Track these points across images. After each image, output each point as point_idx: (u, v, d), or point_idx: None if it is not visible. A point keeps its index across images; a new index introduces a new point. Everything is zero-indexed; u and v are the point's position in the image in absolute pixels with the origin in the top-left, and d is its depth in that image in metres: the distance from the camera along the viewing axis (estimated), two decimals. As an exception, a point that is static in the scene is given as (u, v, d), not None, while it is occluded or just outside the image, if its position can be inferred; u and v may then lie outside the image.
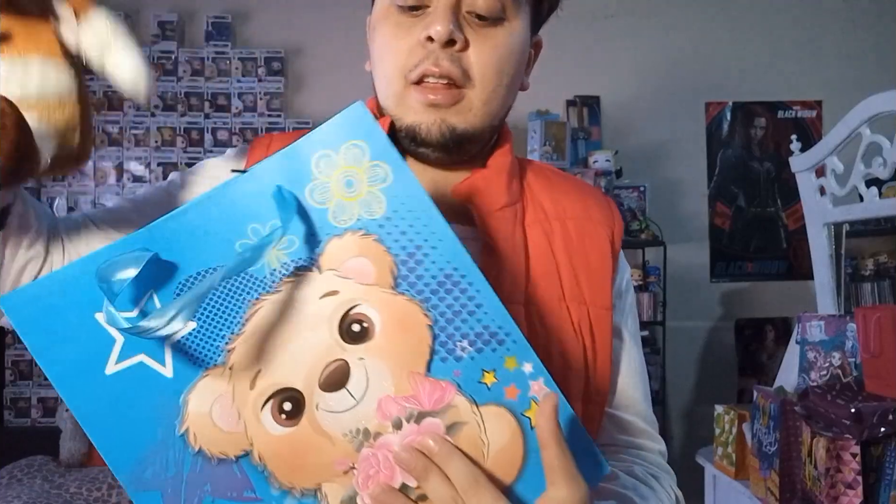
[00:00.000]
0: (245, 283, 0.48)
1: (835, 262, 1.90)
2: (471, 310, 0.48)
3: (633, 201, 3.10)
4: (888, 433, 1.28)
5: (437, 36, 0.62)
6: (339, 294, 0.48)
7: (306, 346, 0.48)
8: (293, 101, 3.26)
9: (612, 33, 3.35)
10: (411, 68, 0.64)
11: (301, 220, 0.48)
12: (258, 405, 0.48)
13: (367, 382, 0.48)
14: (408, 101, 0.66)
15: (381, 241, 0.48)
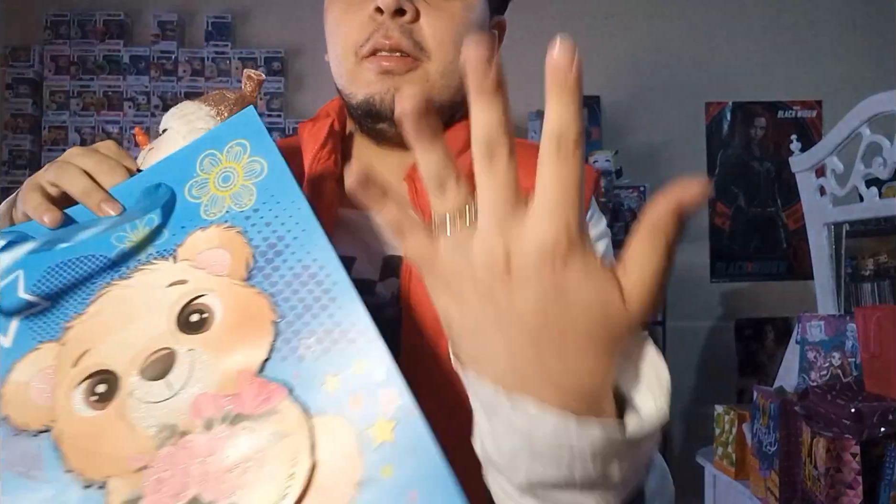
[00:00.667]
0: (104, 269, 0.49)
1: (835, 262, 1.90)
2: (323, 304, 0.44)
3: (633, 201, 3.10)
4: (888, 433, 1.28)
5: (385, 5, 0.60)
6: (186, 283, 0.47)
7: (140, 331, 0.46)
8: (293, 101, 3.26)
9: (612, 33, 3.35)
10: (362, 43, 0.63)
11: (162, 214, 0.49)
12: (73, 383, 0.46)
13: (191, 375, 0.44)
14: (361, 74, 0.64)
15: (245, 233, 0.47)
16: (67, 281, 0.49)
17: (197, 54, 3.18)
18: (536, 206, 0.31)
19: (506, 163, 0.32)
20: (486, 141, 0.32)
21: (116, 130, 3.14)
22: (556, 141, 0.31)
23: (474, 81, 0.31)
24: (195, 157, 0.50)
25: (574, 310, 0.31)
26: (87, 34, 3.15)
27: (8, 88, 3.10)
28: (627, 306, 0.32)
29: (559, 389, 0.31)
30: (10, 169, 3.07)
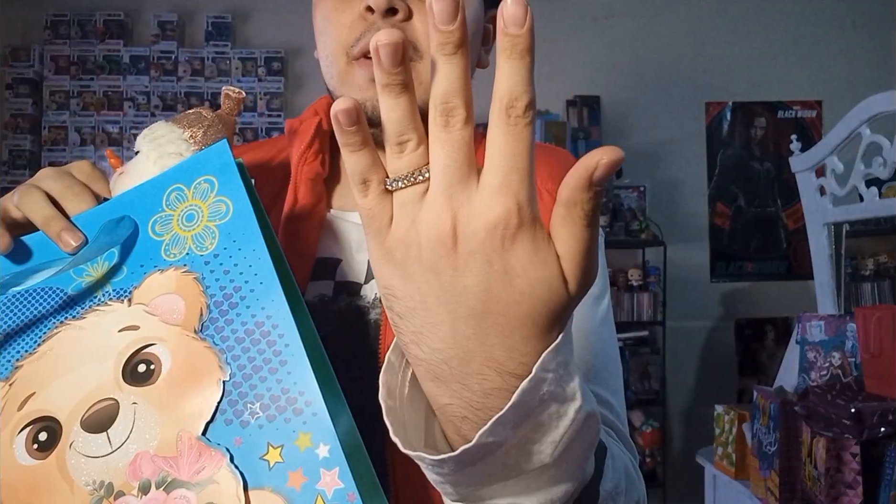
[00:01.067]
0: (58, 305, 0.47)
1: (835, 262, 1.90)
2: (273, 367, 0.42)
3: (633, 201, 3.10)
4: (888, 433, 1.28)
5: (376, 5, 0.58)
6: (138, 330, 0.45)
7: (86, 378, 0.45)
8: (293, 101, 3.26)
9: (612, 33, 3.35)
10: (353, 43, 0.61)
11: (121, 251, 0.47)
12: (17, 428, 0.45)
13: (132, 431, 0.43)
14: (352, 79, 0.62)
15: (202, 280, 0.45)
16: (21, 315, 0.48)
17: (197, 54, 3.18)
18: (485, 180, 0.30)
19: (461, 128, 0.31)
20: (442, 101, 0.31)
21: (116, 130, 3.14)
22: (506, 109, 0.30)
23: (435, 37, 0.30)
24: (162, 190, 0.48)
25: (519, 290, 0.30)
26: (87, 34, 3.15)
27: (8, 88, 3.10)
28: (568, 287, 0.31)
29: (501, 369, 0.31)
30: (10, 169, 3.07)
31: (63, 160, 3.11)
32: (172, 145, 0.54)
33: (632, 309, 3.02)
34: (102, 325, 0.46)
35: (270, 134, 3.16)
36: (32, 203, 0.50)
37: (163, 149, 0.54)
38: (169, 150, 0.54)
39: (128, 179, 0.53)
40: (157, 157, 0.54)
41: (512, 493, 0.35)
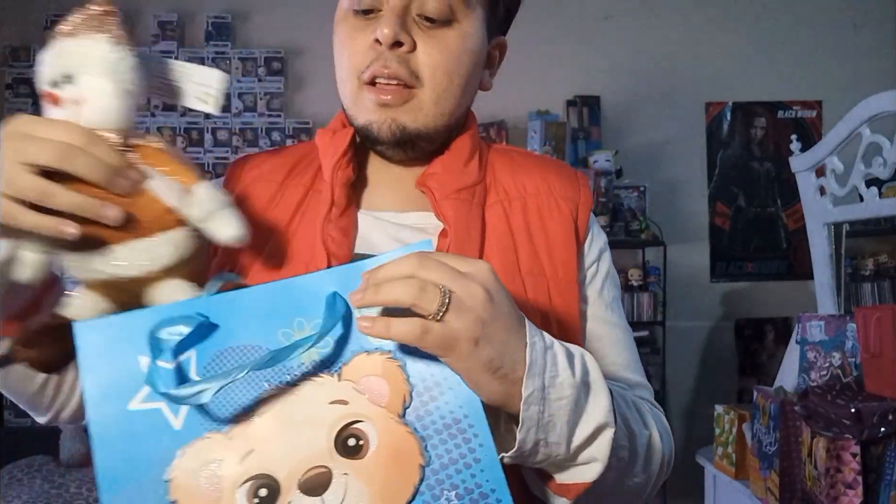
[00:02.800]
0: (268, 365, 0.50)
1: (835, 262, 1.90)
2: (468, 462, 0.49)
3: (633, 201, 3.10)
4: (888, 433, 1.28)
5: (383, 38, 0.65)
6: (347, 405, 0.50)
7: (301, 442, 0.49)
8: (293, 101, 3.26)
9: (612, 33, 3.35)
10: (363, 69, 0.67)
11: (342, 327, 0.51)
12: (238, 481, 0.49)
13: (343, 499, 0.48)
14: (362, 101, 0.69)
15: (404, 368, 0.51)
16: (225, 365, 0.51)
17: (197, 54, 3.18)
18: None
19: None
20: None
21: (116, 130, 3.14)
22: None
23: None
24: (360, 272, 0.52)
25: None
26: (87, 34, 3.15)
27: (8, 88, 3.10)
28: None
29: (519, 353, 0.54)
30: (10, 169, 3.07)
31: (63, 160, 3.11)
32: (110, 56, 0.51)
33: (632, 309, 3.02)
34: (315, 395, 0.50)
35: (270, 134, 3.16)
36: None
37: (120, 75, 0.52)
38: (116, 63, 0.51)
39: (90, 113, 0.51)
40: (111, 73, 0.51)
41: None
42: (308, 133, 3.15)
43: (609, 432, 0.57)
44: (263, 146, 3.14)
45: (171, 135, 3.15)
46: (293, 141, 3.15)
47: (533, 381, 0.52)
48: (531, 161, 0.79)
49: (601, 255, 0.78)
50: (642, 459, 0.65)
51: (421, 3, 0.66)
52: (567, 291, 0.71)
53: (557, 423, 0.54)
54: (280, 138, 3.16)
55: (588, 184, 0.78)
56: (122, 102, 0.52)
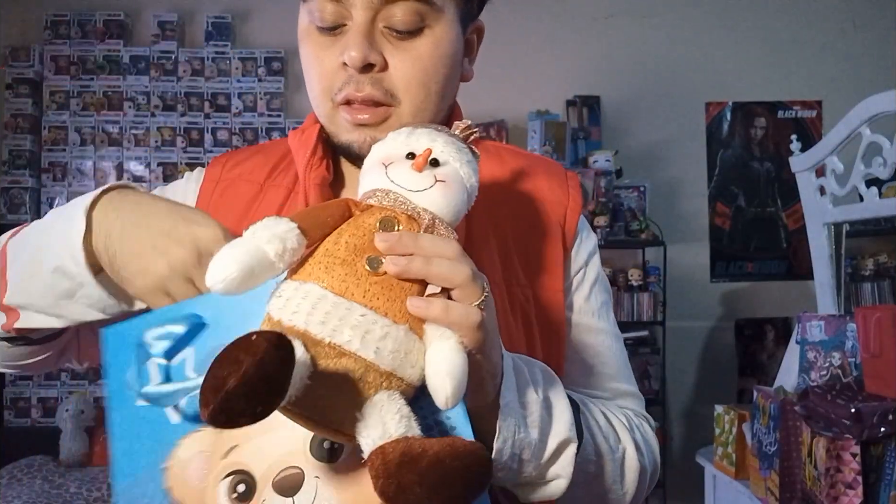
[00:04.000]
0: None
1: (835, 262, 1.90)
2: None
3: (633, 201, 3.10)
4: (888, 433, 1.28)
5: (352, 62, 0.61)
6: None
7: (279, 442, 0.50)
8: (293, 101, 3.26)
9: (612, 33, 3.35)
10: (336, 91, 0.64)
11: None
12: (221, 474, 0.50)
13: (313, 502, 0.49)
14: (338, 121, 0.66)
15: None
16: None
17: (197, 54, 3.18)
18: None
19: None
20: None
21: (116, 131, 3.14)
22: None
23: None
24: None
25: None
26: (87, 34, 3.15)
27: (8, 88, 3.10)
28: None
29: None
30: (10, 169, 3.07)
31: (63, 160, 3.11)
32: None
33: (632, 309, 3.02)
34: None
35: (270, 134, 3.16)
36: None
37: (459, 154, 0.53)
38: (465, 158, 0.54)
39: (451, 192, 0.51)
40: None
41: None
42: (308, 133, 3.14)
43: (572, 448, 0.57)
44: (263, 146, 3.14)
45: (172, 134, 3.15)
46: (293, 141, 3.14)
47: (507, 393, 0.52)
48: (520, 162, 0.75)
49: (589, 260, 0.75)
50: (614, 474, 0.64)
51: (387, 15, 0.62)
52: (552, 300, 0.69)
53: (531, 436, 0.54)
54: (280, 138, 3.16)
55: (578, 185, 0.76)
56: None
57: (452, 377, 0.44)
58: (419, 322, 0.46)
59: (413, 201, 0.49)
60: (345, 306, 0.44)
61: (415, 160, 0.50)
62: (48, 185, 3.10)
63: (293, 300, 0.44)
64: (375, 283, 0.45)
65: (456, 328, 0.46)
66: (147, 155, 3.13)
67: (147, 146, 3.14)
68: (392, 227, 0.48)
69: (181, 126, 3.15)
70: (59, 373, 3.02)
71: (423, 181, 0.50)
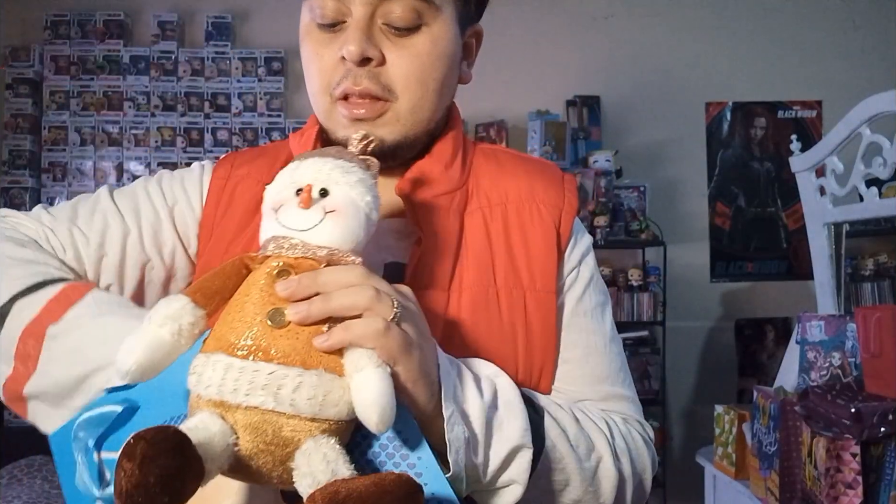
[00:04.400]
0: None
1: (835, 262, 1.90)
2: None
3: (633, 201, 3.10)
4: (888, 433, 1.28)
5: (350, 56, 0.63)
6: None
7: (256, 493, 0.53)
8: (293, 101, 3.26)
9: (612, 33, 3.35)
10: (334, 86, 0.65)
11: None
12: None
13: None
14: (335, 117, 0.66)
15: None
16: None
17: (197, 54, 3.18)
18: None
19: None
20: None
21: (116, 130, 3.14)
22: None
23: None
24: None
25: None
26: (87, 34, 3.15)
27: (8, 88, 3.10)
28: None
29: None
30: (10, 169, 3.07)
31: (63, 160, 3.11)
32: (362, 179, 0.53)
33: (632, 309, 3.02)
34: None
35: (270, 134, 3.16)
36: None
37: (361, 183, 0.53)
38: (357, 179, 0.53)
39: (343, 220, 0.51)
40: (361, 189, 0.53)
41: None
42: (308, 133, 3.14)
43: (526, 453, 0.57)
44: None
45: (172, 134, 3.15)
46: (293, 141, 3.14)
47: (449, 404, 0.53)
48: (517, 163, 0.76)
49: (582, 260, 0.74)
50: (585, 483, 0.63)
51: (386, 11, 0.63)
52: (544, 302, 0.69)
53: (478, 441, 0.54)
54: (280, 138, 3.15)
55: (574, 188, 0.75)
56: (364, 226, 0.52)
57: (376, 405, 0.45)
58: (335, 358, 0.46)
59: (307, 241, 0.49)
60: (252, 368, 0.44)
61: (300, 197, 0.50)
62: (48, 185, 3.10)
63: (205, 374, 0.45)
64: (281, 337, 0.46)
65: (363, 342, 0.46)
66: (147, 155, 3.13)
67: (147, 146, 3.14)
68: (289, 273, 0.48)
69: (181, 126, 3.15)
70: (59, 373, 3.02)
71: (313, 217, 0.49)
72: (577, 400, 0.70)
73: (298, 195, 0.50)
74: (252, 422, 0.44)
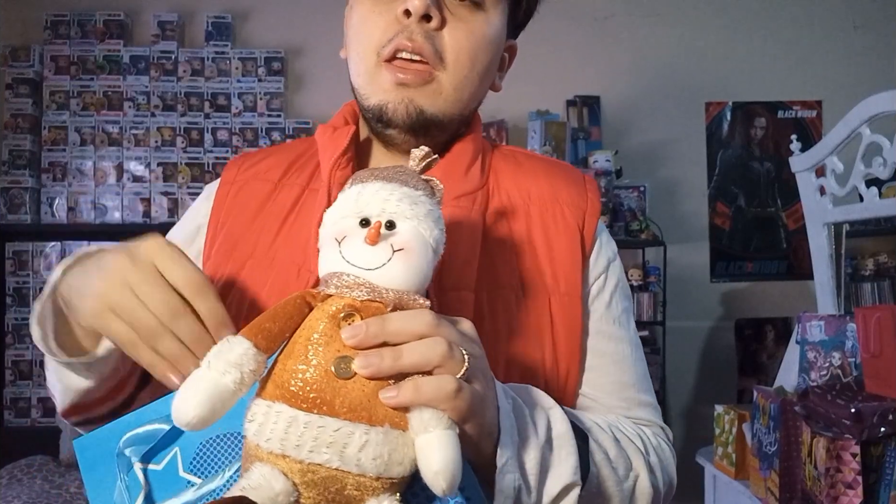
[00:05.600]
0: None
1: (835, 262, 1.90)
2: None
3: (633, 201, 3.10)
4: (888, 433, 1.28)
5: (414, 9, 0.62)
6: None
7: None
8: (293, 101, 3.26)
9: (612, 33, 3.34)
10: (385, 44, 0.64)
11: None
12: None
13: None
14: (378, 80, 0.65)
15: None
16: (220, 460, 0.50)
17: (197, 54, 3.18)
18: None
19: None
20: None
21: (116, 130, 3.14)
22: None
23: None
24: None
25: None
26: (87, 34, 3.15)
27: (8, 88, 3.10)
28: None
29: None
30: (10, 169, 3.06)
31: (63, 160, 3.11)
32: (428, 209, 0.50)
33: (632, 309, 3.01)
34: None
35: (270, 134, 3.16)
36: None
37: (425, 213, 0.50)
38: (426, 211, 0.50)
39: (412, 259, 0.47)
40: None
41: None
42: (308, 133, 3.14)
43: (576, 491, 0.56)
44: (263, 146, 3.14)
45: (172, 134, 3.15)
46: (293, 141, 3.14)
47: (505, 451, 0.50)
48: (537, 165, 0.75)
49: (609, 266, 0.73)
50: (624, 502, 0.63)
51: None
52: (569, 306, 0.67)
53: (531, 487, 0.53)
54: (280, 138, 3.15)
55: (597, 189, 0.75)
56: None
57: (446, 471, 0.43)
58: (401, 413, 0.44)
59: (373, 282, 0.46)
60: (317, 424, 0.42)
61: (367, 233, 0.46)
62: (48, 185, 3.10)
63: (266, 424, 0.43)
64: (346, 389, 0.43)
65: (433, 404, 0.44)
66: (147, 155, 3.13)
67: (147, 146, 3.13)
68: (354, 318, 0.45)
69: (181, 126, 3.15)
70: (59, 373, 3.02)
71: (380, 256, 0.46)
72: (605, 407, 0.70)
73: (363, 226, 0.47)
74: (315, 479, 0.42)
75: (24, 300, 3.04)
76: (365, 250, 0.46)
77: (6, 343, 3.03)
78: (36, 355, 3.02)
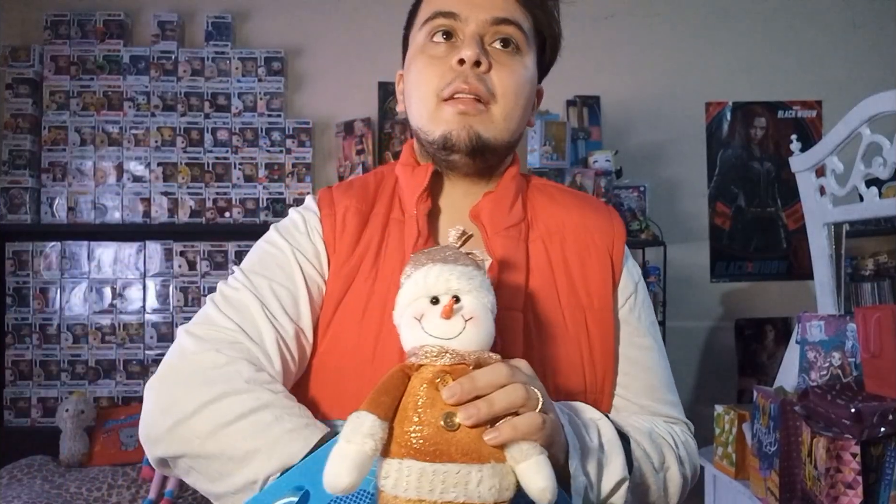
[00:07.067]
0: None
1: (835, 262, 1.90)
2: None
3: (633, 201, 3.10)
4: (888, 433, 1.28)
5: (468, 57, 0.76)
6: None
7: None
8: (293, 101, 3.26)
9: (612, 33, 3.34)
10: (444, 87, 0.78)
11: None
12: None
13: None
14: (440, 115, 0.78)
15: None
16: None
17: (197, 54, 3.18)
18: None
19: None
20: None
21: (116, 130, 3.14)
22: None
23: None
24: None
25: None
26: (87, 34, 3.15)
27: (8, 88, 3.10)
28: None
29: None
30: (10, 169, 3.06)
31: (63, 160, 3.11)
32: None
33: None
34: None
35: (270, 134, 3.16)
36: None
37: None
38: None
39: (481, 325, 0.58)
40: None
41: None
42: (307, 133, 3.14)
43: (626, 484, 0.68)
44: (263, 146, 3.14)
45: (172, 134, 3.15)
46: (292, 141, 3.14)
47: (573, 460, 0.63)
48: (567, 197, 0.88)
49: (638, 284, 0.86)
50: (659, 490, 0.76)
51: (495, 31, 0.78)
52: (603, 320, 0.80)
53: (593, 484, 0.65)
54: (280, 138, 3.15)
55: (620, 218, 0.88)
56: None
57: (549, 489, 0.53)
58: (500, 449, 0.54)
59: (456, 349, 0.57)
60: (443, 470, 0.52)
61: (442, 310, 0.57)
62: (48, 185, 3.10)
63: (401, 479, 0.52)
64: (456, 438, 0.53)
65: (528, 437, 0.54)
66: (147, 155, 3.13)
67: (147, 146, 3.13)
68: (446, 380, 0.55)
69: (181, 126, 3.15)
70: (59, 373, 3.02)
71: (455, 326, 0.57)
72: (637, 405, 0.82)
73: (433, 304, 0.58)
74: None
75: (24, 300, 3.04)
76: (442, 323, 0.57)
77: (6, 343, 3.03)
78: (36, 355, 3.03)
